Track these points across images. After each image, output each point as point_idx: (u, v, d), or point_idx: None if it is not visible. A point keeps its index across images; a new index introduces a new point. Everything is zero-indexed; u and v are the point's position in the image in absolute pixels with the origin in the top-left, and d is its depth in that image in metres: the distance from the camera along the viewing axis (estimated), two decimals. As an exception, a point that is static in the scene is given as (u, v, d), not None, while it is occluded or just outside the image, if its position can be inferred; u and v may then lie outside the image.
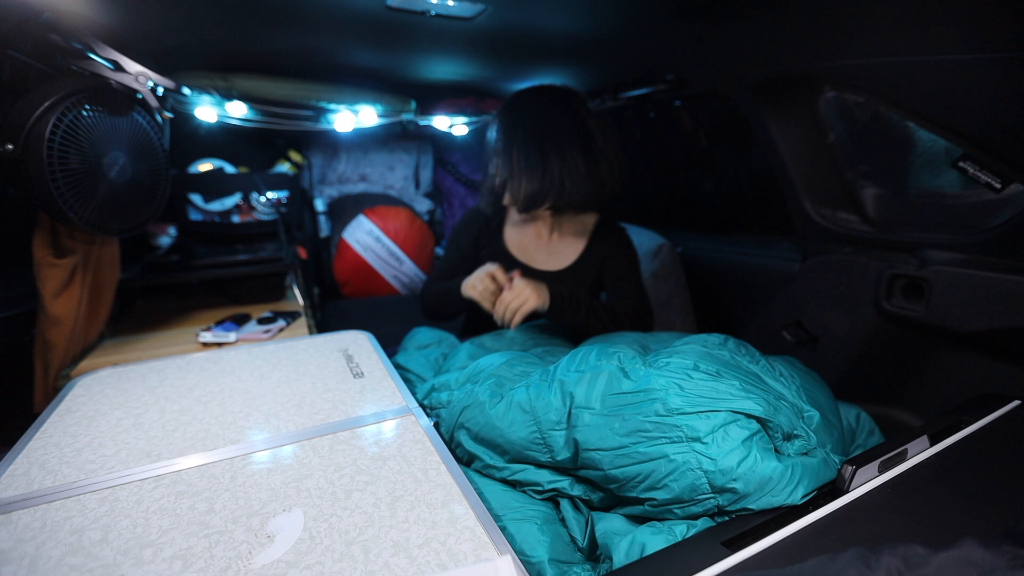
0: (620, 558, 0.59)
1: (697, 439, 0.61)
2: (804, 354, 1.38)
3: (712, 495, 0.60)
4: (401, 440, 0.67)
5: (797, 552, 0.50)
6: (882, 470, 0.62)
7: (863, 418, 0.93)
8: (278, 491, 0.57)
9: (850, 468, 0.60)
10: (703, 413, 0.62)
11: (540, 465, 0.73)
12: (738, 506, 0.60)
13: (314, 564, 0.47)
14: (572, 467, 0.70)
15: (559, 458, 0.70)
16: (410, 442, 0.67)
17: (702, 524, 0.61)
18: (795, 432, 0.66)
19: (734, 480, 0.59)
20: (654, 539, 0.59)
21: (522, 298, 1.04)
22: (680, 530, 0.60)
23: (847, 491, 0.60)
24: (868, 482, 0.61)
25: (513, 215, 1.32)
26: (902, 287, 1.16)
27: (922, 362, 1.19)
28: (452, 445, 0.82)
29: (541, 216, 1.28)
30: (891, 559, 0.41)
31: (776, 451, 0.63)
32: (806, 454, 0.65)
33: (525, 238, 1.30)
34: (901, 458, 0.65)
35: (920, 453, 0.66)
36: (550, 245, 1.29)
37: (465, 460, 0.80)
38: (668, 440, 0.63)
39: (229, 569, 0.46)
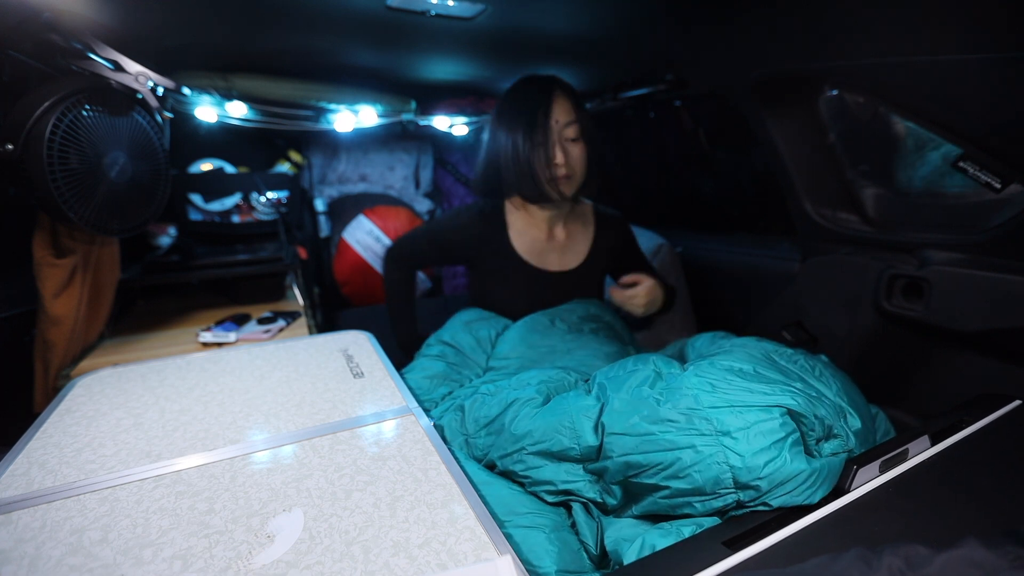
0: (630, 562, 0.58)
1: (727, 433, 0.61)
2: (804, 354, 1.38)
3: (735, 491, 0.60)
4: (401, 440, 0.67)
5: (798, 552, 0.50)
6: (883, 470, 0.62)
7: (880, 418, 0.93)
8: (278, 491, 0.57)
9: (851, 467, 0.60)
10: (735, 408, 0.62)
11: (563, 458, 0.71)
12: (757, 502, 0.59)
13: (314, 564, 0.47)
14: (595, 457, 0.69)
15: (584, 443, 0.68)
16: (410, 442, 0.67)
17: (707, 525, 0.61)
18: (835, 432, 0.65)
19: (759, 479, 0.58)
20: (663, 541, 0.58)
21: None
22: (688, 531, 0.59)
23: (848, 491, 0.59)
24: (869, 482, 0.61)
25: (513, 217, 1.27)
26: (902, 287, 1.16)
27: (922, 362, 1.19)
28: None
29: (542, 214, 1.25)
30: (893, 559, 0.41)
31: (808, 452, 0.62)
32: (843, 453, 0.65)
33: (533, 240, 1.25)
34: (902, 458, 0.64)
35: (921, 453, 0.66)
36: (560, 245, 1.28)
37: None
38: (697, 432, 0.62)
39: (229, 569, 0.46)
